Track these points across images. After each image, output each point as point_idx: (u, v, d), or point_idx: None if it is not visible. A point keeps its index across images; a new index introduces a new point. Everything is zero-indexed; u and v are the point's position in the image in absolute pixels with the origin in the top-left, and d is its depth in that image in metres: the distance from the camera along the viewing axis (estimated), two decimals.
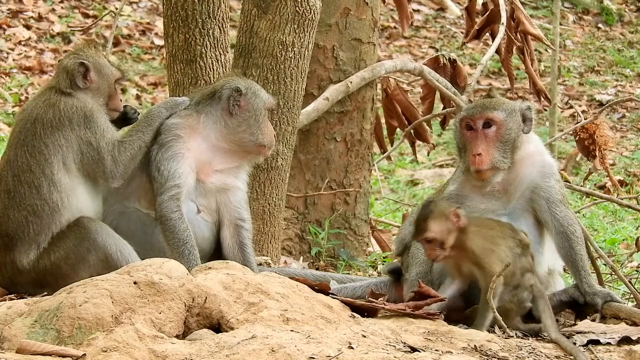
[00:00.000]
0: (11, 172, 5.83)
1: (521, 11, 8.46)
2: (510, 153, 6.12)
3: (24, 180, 5.79)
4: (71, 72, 5.96)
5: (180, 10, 6.79)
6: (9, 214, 5.81)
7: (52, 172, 5.78)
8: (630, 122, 15.43)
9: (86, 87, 5.96)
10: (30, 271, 5.80)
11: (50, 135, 5.80)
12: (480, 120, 6.13)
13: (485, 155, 6.08)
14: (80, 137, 5.83)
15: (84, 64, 5.97)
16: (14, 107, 13.30)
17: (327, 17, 8.06)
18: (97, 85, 6.01)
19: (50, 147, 5.80)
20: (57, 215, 5.79)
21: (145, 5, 16.72)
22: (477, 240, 5.77)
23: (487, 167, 6.08)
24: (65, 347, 4.68)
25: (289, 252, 8.07)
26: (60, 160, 5.81)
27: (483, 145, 6.09)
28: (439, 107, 8.91)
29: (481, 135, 6.12)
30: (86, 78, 5.97)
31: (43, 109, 5.87)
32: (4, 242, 5.84)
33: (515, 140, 6.13)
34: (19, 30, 15.19)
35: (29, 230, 5.78)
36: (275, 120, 6.69)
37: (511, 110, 6.15)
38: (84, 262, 5.77)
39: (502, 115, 6.12)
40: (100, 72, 6.04)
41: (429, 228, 5.75)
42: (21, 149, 5.83)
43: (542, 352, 5.25)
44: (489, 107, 6.15)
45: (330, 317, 5.18)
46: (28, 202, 5.78)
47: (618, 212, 11.22)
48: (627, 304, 6.24)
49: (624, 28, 18.45)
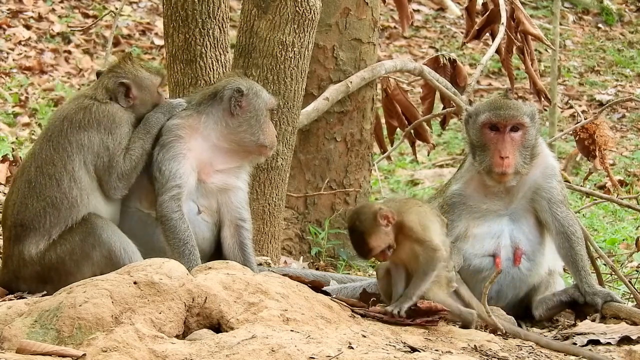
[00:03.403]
0: (34, 163, 5.90)
1: (521, 11, 8.46)
2: (530, 158, 6.13)
3: (45, 172, 5.85)
4: (114, 93, 5.98)
5: (180, 10, 6.79)
6: (27, 203, 5.85)
7: (74, 169, 5.83)
8: (630, 122, 15.43)
9: (130, 105, 5.99)
10: (35, 263, 5.83)
11: (75, 134, 5.86)
12: (510, 123, 6.10)
13: (512, 159, 6.07)
14: (102, 140, 5.88)
15: (125, 84, 5.99)
16: (13, 107, 13.29)
17: (327, 17, 8.06)
18: (141, 100, 6.03)
19: (74, 144, 5.85)
20: (74, 211, 5.83)
21: (145, 5, 16.72)
22: (412, 217, 5.53)
23: (512, 170, 6.09)
24: (65, 347, 4.68)
25: (289, 252, 8.08)
26: (82, 160, 5.86)
27: (510, 148, 6.08)
28: (439, 107, 8.91)
29: (508, 138, 6.10)
30: (128, 96, 5.99)
31: (74, 110, 5.93)
32: (16, 233, 5.88)
33: (535, 145, 6.15)
34: (19, 30, 15.19)
35: (45, 221, 5.83)
36: (275, 120, 6.69)
37: (533, 114, 6.16)
38: (87, 258, 5.80)
39: (529, 121, 6.13)
40: (141, 85, 6.05)
41: (372, 246, 5.45)
42: (46, 143, 5.90)
43: (542, 352, 5.26)
44: (519, 112, 6.13)
45: (330, 317, 5.19)
46: (48, 193, 5.83)
47: (618, 212, 11.22)
48: (627, 304, 6.24)
49: (624, 28, 18.45)
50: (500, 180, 6.12)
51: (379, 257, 5.54)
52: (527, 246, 6.20)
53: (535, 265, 6.22)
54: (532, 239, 6.21)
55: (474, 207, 6.20)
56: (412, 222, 5.51)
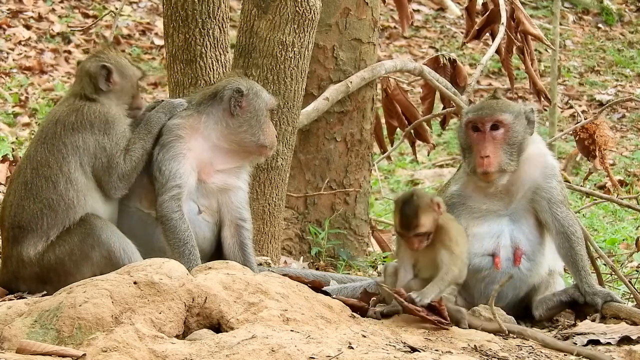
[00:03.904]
0: (30, 165, 5.89)
1: (521, 11, 8.46)
2: (517, 155, 6.12)
3: (41, 173, 5.84)
4: (94, 76, 5.98)
5: (180, 10, 6.79)
6: (24, 205, 5.85)
7: (70, 170, 5.83)
8: (630, 122, 15.43)
9: (109, 90, 5.98)
10: (34, 264, 5.83)
11: (70, 136, 5.85)
12: (488, 122, 6.12)
13: (493, 158, 6.08)
14: (98, 142, 5.87)
15: (107, 67, 5.98)
16: (14, 107, 13.29)
17: (327, 17, 8.06)
18: (121, 86, 6.03)
19: (69, 147, 5.85)
20: (71, 212, 5.83)
21: (145, 5, 16.72)
22: (452, 225, 5.86)
23: (494, 169, 6.08)
24: (65, 347, 4.68)
25: (289, 252, 8.08)
26: (78, 161, 5.85)
27: (491, 148, 6.09)
28: (439, 107, 8.91)
29: (489, 137, 6.11)
30: (109, 80, 5.98)
31: (66, 112, 5.92)
32: (14, 234, 5.87)
33: (522, 142, 6.13)
34: (19, 30, 15.19)
35: (42, 222, 5.82)
36: (275, 120, 6.69)
37: (518, 113, 6.15)
38: (87, 259, 5.80)
39: (510, 118, 6.12)
40: (123, 73, 6.05)
41: (421, 223, 5.75)
42: (41, 146, 5.89)
43: (542, 352, 5.25)
44: (498, 109, 6.14)
45: (330, 317, 5.19)
46: (44, 195, 5.83)
47: (618, 212, 11.22)
48: (627, 304, 6.24)
49: (624, 28, 18.45)
50: (486, 180, 6.12)
51: (414, 243, 5.75)
52: (527, 246, 6.20)
53: (536, 265, 6.22)
54: (532, 239, 6.21)
55: (473, 207, 6.20)
56: (451, 230, 5.81)
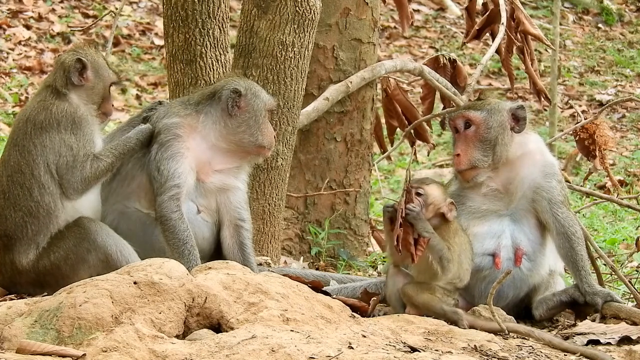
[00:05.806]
0: (5, 172, 5.85)
1: (521, 11, 8.45)
2: (492, 152, 6.15)
3: (16, 181, 5.80)
4: (67, 68, 5.94)
5: (180, 10, 6.79)
6: (6, 215, 5.81)
7: (40, 174, 5.76)
8: (630, 122, 15.43)
9: (80, 85, 5.93)
10: (30, 271, 5.80)
11: (39, 136, 5.79)
12: (460, 121, 6.23)
13: (463, 156, 6.16)
14: (63, 140, 5.80)
15: (82, 61, 5.95)
16: (14, 107, 13.30)
17: (327, 17, 8.06)
18: (92, 84, 5.99)
19: (38, 147, 5.79)
20: (52, 217, 5.79)
21: (145, 5, 16.72)
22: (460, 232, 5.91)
23: (465, 167, 6.16)
24: (65, 347, 4.68)
25: (289, 252, 8.07)
26: (45, 162, 5.78)
27: (462, 146, 6.18)
28: (439, 107, 8.91)
29: (462, 136, 6.20)
30: (82, 75, 5.95)
31: (36, 110, 5.87)
32: (4, 243, 5.84)
33: (497, 138, 6.15)
34: (19, 30, 15.19)
35: (27, 230, 5.78)
36: (275, 120, 6.69)
37: (492, 110, 6.19)
38: (83, 263, 5.77)
39: (480, 115, 6.18)
40: (97, 72, 6.02)
41: (429, 185, 5.85)
42: (14, 148, 5.84)
43: (542, 352, 5.25)
44: (467, 108, 6.29)
45: (330, 317, 5.19)
46: (23, 203, 5.78)
47: (618, 212, 11.22)
48: (627, 304, 6.24)
49: (624, 28, 18.44)
50: (463, 178, 6.21)
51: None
52: (528, 246, 6.20)
53: (536, 265, 6.22)
54: (532, 239, 6.21)
55: (473, 207, 6.21)
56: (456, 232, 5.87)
